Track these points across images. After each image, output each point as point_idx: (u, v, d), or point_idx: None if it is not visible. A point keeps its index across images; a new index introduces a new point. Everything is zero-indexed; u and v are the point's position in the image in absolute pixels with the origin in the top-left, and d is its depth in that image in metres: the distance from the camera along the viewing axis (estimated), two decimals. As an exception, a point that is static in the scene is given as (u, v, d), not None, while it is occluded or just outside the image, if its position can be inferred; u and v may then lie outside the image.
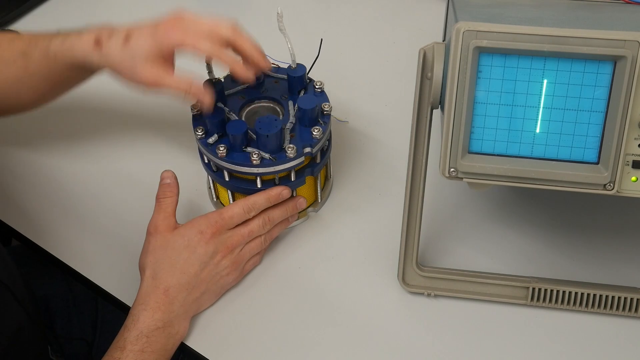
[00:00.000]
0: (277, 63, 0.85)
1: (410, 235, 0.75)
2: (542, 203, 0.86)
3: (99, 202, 0.88)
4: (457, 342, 0.75)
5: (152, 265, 0.74)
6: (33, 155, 0.94)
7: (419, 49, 0.66)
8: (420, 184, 0.73)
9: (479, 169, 0.65)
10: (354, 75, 1.01)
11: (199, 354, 0.75)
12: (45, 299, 0.93)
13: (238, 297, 0.79)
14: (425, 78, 0.67)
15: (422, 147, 0.71)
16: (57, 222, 0.87)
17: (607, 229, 0.83)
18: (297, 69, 0.81)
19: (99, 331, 0.94)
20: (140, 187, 0.88)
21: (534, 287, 0.75)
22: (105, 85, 1.01)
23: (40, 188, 0.90)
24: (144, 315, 0.72)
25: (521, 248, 0.82)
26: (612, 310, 0.75)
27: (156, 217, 0.76)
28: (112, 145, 0.94)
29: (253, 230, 0.77)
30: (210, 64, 0.80)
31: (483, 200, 0.86)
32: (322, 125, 0.78)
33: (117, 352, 0.70)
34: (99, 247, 0.84)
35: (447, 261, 0.81)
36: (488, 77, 0.62)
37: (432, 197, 0.84)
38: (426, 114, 0.69)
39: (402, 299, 0.78)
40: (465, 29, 0.61)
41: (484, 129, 0.64)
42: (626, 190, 0.65)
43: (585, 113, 0.62)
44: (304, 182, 0.80)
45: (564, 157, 0.64)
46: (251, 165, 0.75)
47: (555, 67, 0.61)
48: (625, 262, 0.80)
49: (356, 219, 0.85)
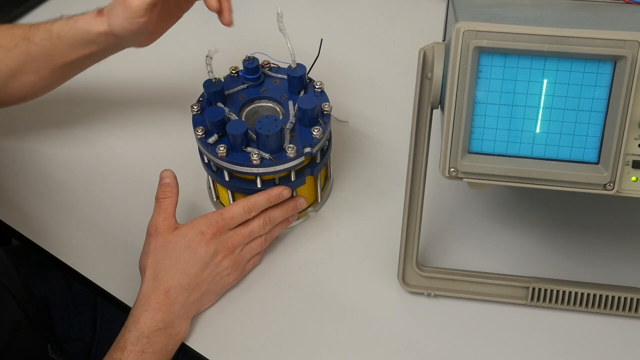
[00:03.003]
0: (277, 63, 0.85)
1: (410, 235, 0.75)
2: (542, 203, 0.86)
3: (99, 202, 0.88)
4: (457, 342, 0.75)
5: (152, 266, 0.74)
6: (33, 155, 0.94)
7: (419, 49, 0.66)
8: (420, 184, 0.73)
9: (479, 169, 0.65)
10: (354, 75, 1.01)
11: (199, 354, 0.75)
12: (45, 298, 0.93)
13: (238, 297, 0.79)
14: (425, 78, 0.67)
15: (422, 147, 0.71)
16: (57, 222, 0.87)
17: (607, 229, 0.83)
18: (297, 69, 0.81)
19: (99, 331, 0.94)
20: (141, 187, 0.88)
21: (534, 287, 0.75)
22: (105, 85, 1.02)
23: (40, 188, 0.90)
24: (145, 316, 0.72)
25: (521, 248, 0.82)
26: (612, 310, 0.75)
27: (156, 218, 0.76)
28: (112, 144, 0.94)
29: (254, 230, 0.77)
30: (211, 63, 0.80)
31: (483, 200, 0.86)
32: (322, 125, 0.78)
33: (117, 352, 0.70)
34: (98, 247, 0.84)
35: (447, 261, 0.81)
36: (488, 77, 0.62)
37: (432, 197, 0.84)
38: (426, 114, 0.69)
39: (402, 299, 0.78)
40: (465, 29, 0.61)
41: (484, 129, 0.64)
42: (626, 190, 0.65)
43: (585, 113, 0.62)
44: (304, 182, 0.80)
45: (564, 157, 0.64)
46: (251, 165, 0.75)
47: (555, 67, 0.61)
48: (625, 262, 0.80)
49: (356, 219, 0.85)
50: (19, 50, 0.79)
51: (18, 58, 0.79)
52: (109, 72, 1.02)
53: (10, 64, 0.80)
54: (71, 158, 0.93)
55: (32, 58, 0.79)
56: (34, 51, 0.79)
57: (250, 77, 0.82)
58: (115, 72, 1.02)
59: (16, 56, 0.79)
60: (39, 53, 0.79)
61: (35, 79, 0.82)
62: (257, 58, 0.83)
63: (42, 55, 0.79)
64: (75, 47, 0.78)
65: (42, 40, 0.78)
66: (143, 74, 1.02)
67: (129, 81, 1.01)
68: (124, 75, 1.02)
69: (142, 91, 1.00)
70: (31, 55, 0.79)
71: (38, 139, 0.95)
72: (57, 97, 0.99)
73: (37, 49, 0.78)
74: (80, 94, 1.00)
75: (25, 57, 0.79)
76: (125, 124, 0.96)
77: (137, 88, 1.00)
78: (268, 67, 0.85)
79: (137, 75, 1.02)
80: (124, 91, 1.00)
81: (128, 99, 0.99)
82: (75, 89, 1.01)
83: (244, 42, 0.82)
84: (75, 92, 1.01)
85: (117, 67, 1.01)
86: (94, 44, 0.77)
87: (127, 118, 0.97)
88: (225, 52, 0.75)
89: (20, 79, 0.81)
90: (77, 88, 1.01)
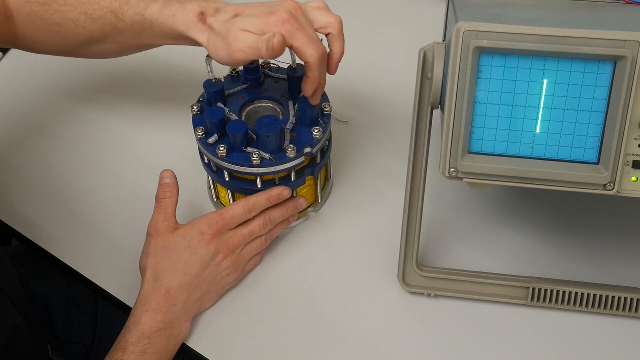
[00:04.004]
0: (277, 63, 0.85)
1: (410, 235, 0.75)
2: (542, 203, 0.86)
3: (99, 202, 0.88)
4: (457, 342, 0.75)
5: (153, 266, 0.74)
6: (33, 155, 0.94)
7: (419, 49, 0.66)
8: (420, 184, 0.73)
9: (479, 169, 0.65)
10: (354, 75, 1.01)
11: (200, 354, 0.75)
12: (45, 299, 0.93)
13: (238, 297, 0.79)
14: (425, 78, 0.67)
15: (422, 147, 0.71)
16: (57, 222, 0.87)
17: (607, 229, 0.83)
18: (297, 69, 0.81)
19: (99, 331, 0.94)
20: (141, 187, 0.88)
21: (534, 287, 0.75)
22: (105, 85, 1.02)
23: (40, 188, 0.90)
24: (146, 316, 0.72)
25: (521, 248, 0.82)
26: (612, 310, 0.75)
27: (156, 218, 0.76)
28: (112, 144, 0.94)
29: (254, 230, 0.77)
30: (211, 64, 0.80)
31: (483, 200, 0.86)
32: (322, 125, 0.78)
33: (118, 353, 0.70)
34: (99, 247, 0.84)
35: (447, 261, 0.81)
36: (488, 77, 0.62)
37: (432, 197, 0.84)
38: (426, 114, 0.69)
39: (402, 299, 0.78)
40: (465, 29, 0.61)
41: (484, 129, 0.64)
42: (626, 190, 0.65)
43: (585, 113, 0.62)
44: (304, 182, 0.80)
45: (564, 157, 0.64)
46: (251, 165, 0.75)
47: (555, 67, 0.61)
48: (625, 262, 0.80)
49: (356, 219, 0.85)
50: (106, 22, 0.76)
51: (104, 29, 0.77)
52: (109, 73, 1.02)
53: (94, 32, 0.78)
54: (71, 158, 0.93)
55: (118, 32, 0.77)
56: (122, 27, 0.76)
57: (250, 77, 0.82)
58: (115, 72, 1.02)
59: (102, 27, 0.77)
60: (127, 30, 0.76)
61: (116, 49, 0.81)
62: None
63: (129, 33, 0.77)
64: (166, 38, 0.76)
65: (133, 20, 0.75)
66: (143, 74, 1.02)
67: (128, 81, 1.01)
68: (124, 76, 1.02)
69: (142, 91, 1.00)
70: (118, 29, 0.77)
71: (38, 139, 0.95)
72: (57, 97, 1.00)
73: (125, 26, 0.76)
74: (80, 94, 1.00)
75: (111, 29, 0.77)
76: (125, 124, 0.96)
77: (137, 88, 1.00)
78: (268, 67, 0.85)
79: (137, 76, 1.02)
80: (124, 91, 1.00)
81: (128, 99, 0.99)
82: (76, 89, 1.01)
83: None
84: (75, 92, 1.01)
85: (117, 67, 1.01)
86: (185, 41, 0.75)
87: (127, 118, 0.97)
88: (226, 52, 0.76)
89: (102, 45, 0.80)
90: (78, 88, 1.01)
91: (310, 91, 0.74)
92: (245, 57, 0.69)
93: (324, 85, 0.76)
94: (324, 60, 0.72)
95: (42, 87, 1.01)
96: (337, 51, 0.74)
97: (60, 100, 0.99)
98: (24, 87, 1.02)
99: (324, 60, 0.72)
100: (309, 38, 0.70)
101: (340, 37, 0.73)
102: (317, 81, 0.73)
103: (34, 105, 0.99)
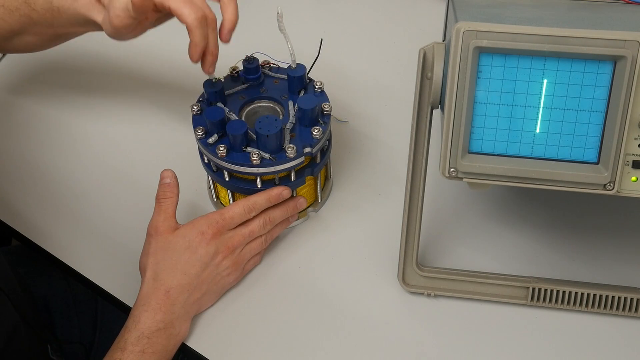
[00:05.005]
0: (277, 63, 0.85)
1: (410, 235, 0.75)
2: (542, 203, 0.86)
3: (99, 202, 0.88)
4: (457, 342, 0.75)
5: (153, 266, 0.74)
6: (33, 155, 0.94)
7: (419, 49, 0.66)
8: (420, 184, 0.73)
9: (479, 169, 0.65)
10: (354, 75, 1.01)
11: (200, 354, 0.75)
12: (45, 299, 0.93)
13: (238, 297, 0.79)
14: (425, 78, 0.67)
15: (422, 147, 0.71)
16: (57, 222, 0.87)
17: (607, 229, 0.83)
18: (297, 69, 0.81)
19: (99, 331, 0.94)
20: (141, 187, 0.88)
21: (534, 287, 0.75)
22: (104, 85, 1.02)
23: (40, 188, 0.90)
24: (145, 316, 0.72)
25: (521, 248, 0.82)
26: (612, 310, 0.75)
27: (156, 218, 0.76)
28: (112, 144, 0.94)
29: (254, 230, 0.77)
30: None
31: (483, 200, 0.86)
32: (322, 125, 0.78)
33: (117, 352, 0.70)
34: (99, 247, 0.84)
35: (447, 261, 0.81)
36: (488, 77, 0.62)
37: (432, 197, 0.84)
38: (426, 114, 0.69)
39: (402, 299, 0.78)
40: (465, 29, 0.61)
41: (484, 129, 0.64)
42: (626, 190, 0.65)
43: (585, 113, 0.62)
44: (304, 182, 0.80)
45: (564, 157, 0.64)
46: (251, 165, 0.75)
47: (555, 67, 0.61)
48: (625, 262, 0.80)
49: (356, 219, 0.85)
50: (21, 13, 0.79)
51: (20, 20, 0.80)
52: (108, 73, 1.02)
53: (13, 24, 0.81)
54: (71, 158, 0.93)
55: (33, 23, 0.80)
56: (36, 17, 0.79)
57: (250, 77, 0.82)
58: (114, 72, 1.02)
59: (18, 18, 0.80)
60: (40, 20, 0.79)
61: (36, 40, 0.83)
62: (257, 58, 0.83)
63: (43, 22, 0.79)
64: (75, 25, 0.78)
65: (43, 9, 0.78)
66: (143, 74, 1.02)
67: (128, 81, 1.01)
68: (124, 75, 1.02)
69: (142, 91, 1.00)
70: (33, 20, 0.79)
71: (37, 139, 0.95)
72: (56, 96, 1.00)
73: (38, 16, 0.79)
74: (80, 93, 1.00)
75: (27, 20, 0.80)
76: (125, 124, 0.96)
77: (137, 88, 1.00)
78: (268, 67, 0.85)
79: (137, 75, 1.02)
80: (124, 91, 1.00)
81: (128, 99, 0.99)
82: (75, 87, 1.01)
83: (244, 42, 0.82)
84: (74, 92, 1.01)
85: (116, 67, 1.01)
86: (92, 26, 0.77)
87: (127, 118, 0.97)
88: (225, 52, 0.75)
89: (23, 38, 0.83)
90: (76, 87, 1.01)
91: (196, 56, 0.72)
92: (121, 22, 0.70)
93: (214, 54, 0.73)
94: (204, 23, 0.70)
95: (43, 87, 1.01)
96: (229, 17, 0.72)
97: (59, 98, 0.99)
98: (24, 85, 1.02)
99: (203, 23, 0.70)
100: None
101: (231, 2, 0.72)
102: (201, 46, 0.71)
103: (33, 105, 0.99)
